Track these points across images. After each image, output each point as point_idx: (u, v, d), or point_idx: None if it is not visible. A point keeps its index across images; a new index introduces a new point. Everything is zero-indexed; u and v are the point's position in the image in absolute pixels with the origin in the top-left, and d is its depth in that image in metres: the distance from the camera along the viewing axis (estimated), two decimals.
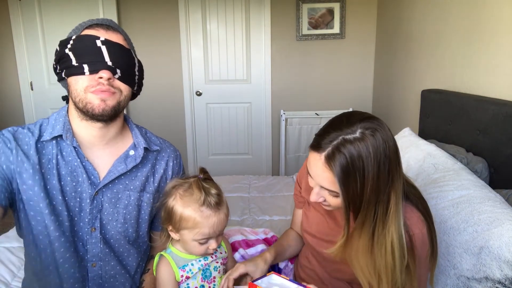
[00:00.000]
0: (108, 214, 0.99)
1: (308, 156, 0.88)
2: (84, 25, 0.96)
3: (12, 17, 3.32)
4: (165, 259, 1.02)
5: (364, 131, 0.79)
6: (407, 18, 2.62)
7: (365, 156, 0.78)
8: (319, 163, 0.83)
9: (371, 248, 0.85)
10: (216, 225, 0.97)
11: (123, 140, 1.05)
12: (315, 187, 0.89)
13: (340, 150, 0.79)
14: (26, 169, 0.90)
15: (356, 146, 0.78)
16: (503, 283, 0.95)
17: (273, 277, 0.93)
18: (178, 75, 3.54)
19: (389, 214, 0.83)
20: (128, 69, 0.96)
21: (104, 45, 0.92)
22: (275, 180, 2.54)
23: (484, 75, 1.70)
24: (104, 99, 0.91)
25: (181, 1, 3.39)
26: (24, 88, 3.47)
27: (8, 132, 0.94)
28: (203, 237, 0.97)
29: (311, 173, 0.88)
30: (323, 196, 0.89)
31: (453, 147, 1.63)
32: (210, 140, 3.73)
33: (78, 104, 0.92)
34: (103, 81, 0.91)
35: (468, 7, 1.82)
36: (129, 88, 0.98)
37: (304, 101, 3.57)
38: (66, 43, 0.93)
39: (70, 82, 0.93)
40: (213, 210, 0.96)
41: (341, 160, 0.78)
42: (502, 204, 1.12)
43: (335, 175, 0.80)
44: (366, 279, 0.88)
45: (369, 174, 0.78)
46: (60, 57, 0.93)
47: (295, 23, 3.43)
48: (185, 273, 1.00)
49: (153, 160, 1.08)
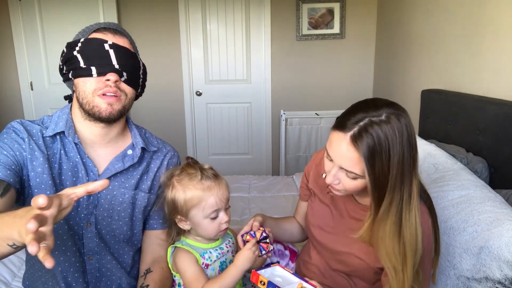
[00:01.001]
0: (104, 210, 1.01)
1: (330, 136, 0.89)
2: (91, 28, 0.99)
3: (12, 17, 3.31)
4: (183, 250, 1.02)
5: (390, 115, 0.81)
6: (407, 18, 2.62)
7: (391, 138, 0.80)
8: (343, 142, 0.83)
9: (399, 231, 0.86)
10: (220, 194, 1.00)
11: (123, 139, 1.08)
12: (333, 169, 0.89)
13: (368, 131, 0.80)
14: (37, 157, 0.93)
15: (383, 128, 0.80)
16: (503, 283, 0.95)
17: (277, 269, 0.96)
18: (178, 75, 3.54)
19: (413, 197, 0.85)
20: (134, 72, 0.99)
21: (112, 48, 0.95)
22: (275, 180, 2.54)
23: (484, 75, 1.70)
24: (111, 103, 0.95)
25: (181, 1, 3.39)
26: (24, 88, 3.47)
27: (17, 124, 0.97)
28: (212, 210, 0.99)
29: (332, 154, 0.88)
30: (339, 178, 0.89)
31: (453, 147, 1.63)
32: (210, 140, 3.73)
33: (85, 105, 0.95)
34: (110, 83, 0.94)
35: (468, 7, 1.82)
36: (134, 90, 1.01)
37: (304, 101, 3.57)
38: (74, 45, 0.96)
39: (77, 83, 0.96)
40: (213, 180, 1.00)
41: (368, 140, 0.80)
42: (502, 204, 1.12)
43: (361, 154, 0.81)
44: (391, 263, 0.88)
45: (394, 156, 0.80)
46: (67, 58, 0.96)
47: (295, 23, 3.43)
48: (205, 260, 1.01)
49: (148, 159, 1.10)
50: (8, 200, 0.86)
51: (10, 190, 0.87)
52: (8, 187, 0.86)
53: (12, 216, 0.67)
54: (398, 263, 0.87)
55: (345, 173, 0.87)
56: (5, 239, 0.67)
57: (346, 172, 0.87)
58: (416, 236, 0.86)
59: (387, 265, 0.89)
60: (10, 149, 0.91)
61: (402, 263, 0.87)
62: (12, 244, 0.67)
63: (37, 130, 0.97)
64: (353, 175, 0.86)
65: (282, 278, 0.92)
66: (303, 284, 0.88)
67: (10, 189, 0.87)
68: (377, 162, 0.81)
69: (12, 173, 0.89)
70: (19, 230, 0.62)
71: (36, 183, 0.93)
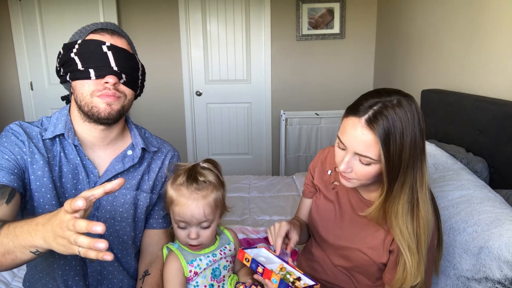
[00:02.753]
0: (106, 212, 1.00)
1: (343, 123, 0.92)
2: (88, 29, 0.96)
3: (12, 17, 3.31)
4: (173, 254, 1.01)
5: (401, 100, 0.86)
6: (407, 18, 2.62)
7: (404, 120, 0.84)
8: (358, 126, 0.86)
9: (412, 209, 0.90)
10: (191, 209, 0.95)
11: (123, 140, 1.07)
12: (346, 156, 0.91)
13: (382, 113, 0.84)
14: (37, 160, 0.92)
15: (396, 111, 0.84)
16: (503, 283, 0.95)
17: (263, 250, 1.02)
18: (178, 75, 3.54)
19: (424, 177, 0.90)
20: (133, 74, 0.98)
21: (110, 50, 0.93)
22: (275, 180, 2.54)
23: (484, 75, 1.70)
24: (110, 103, 0.93)
25: (181, 2, 3.39)
26: (24, 88, 3.47)
27: (16, 126, 0.96)
28: (180, 219, 0.96)
29: (346, 140, 0.90)
30: (352, 166, 0.91)
31: (453, 147, 1.62)
32: (210, 140, 3.73)
33: (84, 107, 0.94)
34: (109, 85, 0.92)
35: (468, 7, 1.82)
36: (133, 92, 1.00)
37: (304, 101, 3.57)
38: (71, 47, 0.93)
39: (75, 85, 0.94)
40: (190, 192, 0.96)
41: (383, 122, 0.84)
42: (502, 204, 1.12)
43: (377, 136, 0.84)
44: (405, 242, 0.91)
45: (407, 138, 0.84)
46: (65, 60, 0.94)
47: (295, 23, 3.43)
48: (193, 268, 1.00)
49: (149, 159, 1.09)
50: (14, 206, 0.85)
51: (16, 195, 0.86)
52: (13, 192, 0.86)
53: (33, 224, 0.69)
54: (412, 242, 0.90)
55: (359, 160, 0.89)
56: (27, 247, 0.70)
57: (360, 157, 0.88)
58: (428, 214, 0.90)
59: (401, 244, 0.91)
60: (11, 153, 0.90)
61: (418, 244, 0.90)
62: (35, 251, 0.70)
63: (37, 133, 0.96)
64: (367, 160, 0.88)
65: (266, 259, 0.98)
66: (284, 265, 0.94)
67: (16, 194, 0.86)
68: (392, 144, 0.84)
69: (15, 177, 0.88)
70: (44, 236, 0.65)
71: (36, 186, 0.92)
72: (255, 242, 1.43)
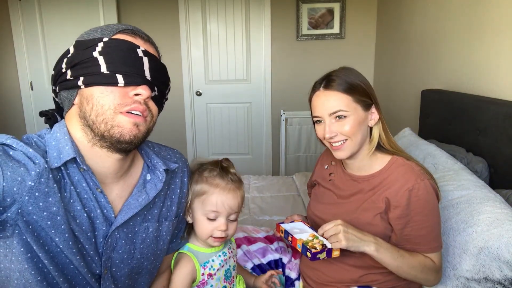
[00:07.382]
0: (123, 252, 0.82)
1: (312, 103, 1.11)
2: (115, 29, 0.78)
3: (12, 17, 3.32)
4: (187, 257, 0.99)
5: (341, 69, 1.09)
6: (407, 18, 2.62)
7: (353, 73, 1.07)
8: (320, 95, 1.06)
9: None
10: (225, 198, 0.96)
11: (134, 162, 0.86)
12: (325, 123, 1.05)
13: (332, 76, 1.05)
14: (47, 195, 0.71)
15: (341, 71, 1.07)
16: (503, 283, 0.95)
17: (299, 224, 1.14)
18: (178, 75, 3.54)
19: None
20: (163, 89, 0.83)
21: (146, 56, 0.76)
22: (275, 180, 2.53)
23: (484, 75, 1.70)
24: (138, 124, 0.75)
25: (181, 1, 3.39)
26: (24, 88, 3.47)
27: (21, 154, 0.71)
28: (211, 209, 0.95)
29: (317, 111, 1.06)
30: (335, 130, 1.03)
31: (453, 147, 1.62)
32: (210, 140, 3.73)
33: (98, 125, 0.73)
34: (139, 98, 0.75)
35: (468, 7, 1.82)
36: (158, 111, 0.84)
37: (304, 101, 3.52)
38: (93, 45, 0.74)
39: (91, 94, 0.73)
40: (226, 182, 0.97)
41: (337, 80, 1.04)
42: (502, 204, 1.12)
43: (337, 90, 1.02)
44: None
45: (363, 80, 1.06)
46: (79, 60, 0.74)
47: (295, 23, 3.43)
48: (206, 270, 0.98)
49: (168, 180, 0.91)
50: None
51: None
52: None
53: None
54: None
55: (336, 119, 1.03)
56: None
57: (335, 117, 1.03)
58: None
59: None
60: None
61: None
62: None
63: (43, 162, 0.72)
64: (342, 113, 1.02)
65: (300, 230, 1.08)
66: (316, 234, 1.02)
67: None
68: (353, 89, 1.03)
69: None
70: None
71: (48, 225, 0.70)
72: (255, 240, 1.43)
